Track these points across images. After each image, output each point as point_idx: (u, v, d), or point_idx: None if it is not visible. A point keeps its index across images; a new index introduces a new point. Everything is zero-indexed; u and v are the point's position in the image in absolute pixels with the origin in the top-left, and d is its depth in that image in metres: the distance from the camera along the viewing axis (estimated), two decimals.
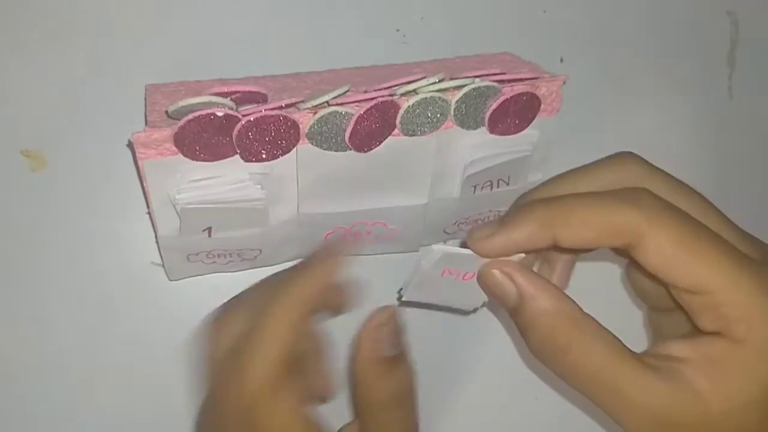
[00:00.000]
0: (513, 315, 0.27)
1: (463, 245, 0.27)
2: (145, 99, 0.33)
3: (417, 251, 0.39)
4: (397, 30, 0.39)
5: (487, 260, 0.27)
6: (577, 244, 0.26)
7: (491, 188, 0.36)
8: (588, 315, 0.26)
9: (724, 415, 0.24)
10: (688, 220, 0.25)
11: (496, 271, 0.26)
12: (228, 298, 0.31)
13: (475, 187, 0.35)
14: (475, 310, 0.31)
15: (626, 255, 0.27)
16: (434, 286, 0.29)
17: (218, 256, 0.34)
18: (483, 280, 0.27)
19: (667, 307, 0.31)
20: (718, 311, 0.24)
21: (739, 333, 0.24)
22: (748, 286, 0.24)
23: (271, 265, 0.37)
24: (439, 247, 0.27)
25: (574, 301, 0.26)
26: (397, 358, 0.29)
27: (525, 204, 0.27)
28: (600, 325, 0.26)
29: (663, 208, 0.25)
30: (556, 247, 0.26)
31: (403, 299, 0.30)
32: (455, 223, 0.38)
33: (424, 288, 0.29)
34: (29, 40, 0.35)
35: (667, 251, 0.24)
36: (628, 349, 0.25)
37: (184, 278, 0.37)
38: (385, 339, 0.29)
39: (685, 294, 0.25)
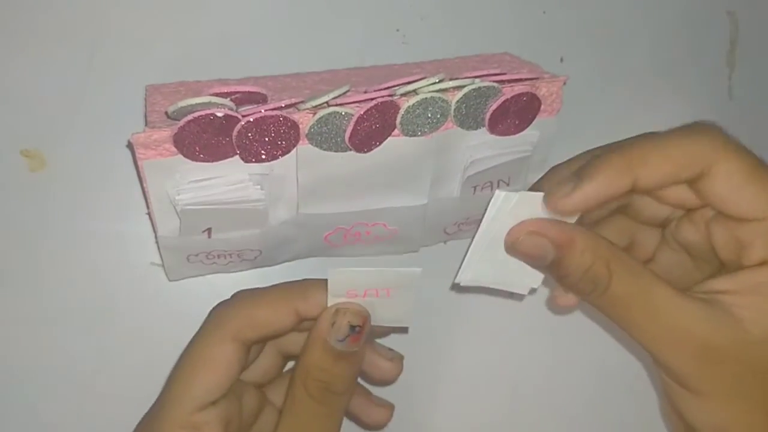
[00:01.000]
0: (552, 268, 0.27)
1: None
2: (145, 99, 0.33)
3: (417, 251, 0.39)
4: (397, 30, 0.39)
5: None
6: (657, 180, 0.27)
7: (491, 189, 0.36)
8: (622, 249, 0.27)
9: (762, 342, 0.25)
10: (752, 153, 0.27)
11: (527, 234, 0.27)
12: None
13: (475, 187, 0.35)
14: (531, 292, 0.31)
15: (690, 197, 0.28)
16: (492, 259, 0.29)
17: (218, 256, 0.34)
18: (517, 247, 0.28)
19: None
20: None
21: None
22: None
23: (271, 265, 0.37)
24: (509, 193, 0.27)
25: (606, 238, 0.27)
26: (342, 357, 0.28)
27: (596, 156, 0.27)
28: (634, 258, 0.27)
29: (731, 139, 0.27)
30: (634, 192, 0.27)
31: (460, 283, 0.30)
32: (455, 223, 0.38)
33: (482, 265, 0.29)
34: (29, 40, 0.35)
35: (735, 177, 0.26)
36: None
37: (184, 278, 0.37)
38: (339, 330, 0.28)
39: (739, 225, 0.26)
